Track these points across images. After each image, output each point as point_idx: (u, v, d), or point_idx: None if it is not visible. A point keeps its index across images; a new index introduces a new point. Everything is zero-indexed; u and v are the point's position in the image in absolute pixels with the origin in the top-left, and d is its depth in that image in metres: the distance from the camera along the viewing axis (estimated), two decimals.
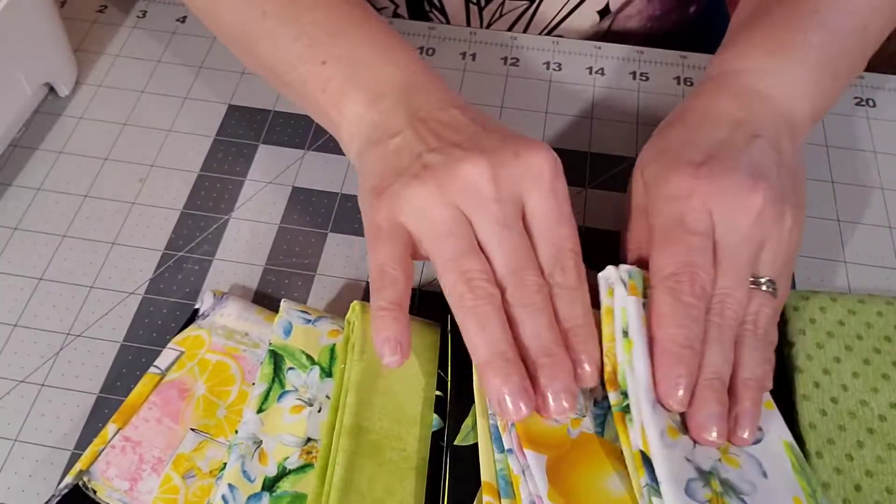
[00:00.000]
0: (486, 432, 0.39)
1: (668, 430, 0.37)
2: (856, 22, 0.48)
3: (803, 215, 0.44)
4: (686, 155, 0.42)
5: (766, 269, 0.41)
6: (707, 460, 0.38)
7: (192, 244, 0.51)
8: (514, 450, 0.38)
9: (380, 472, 0.39)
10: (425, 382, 0.42)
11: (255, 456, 0.40)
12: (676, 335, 0.38)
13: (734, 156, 0.42)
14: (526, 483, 0.37)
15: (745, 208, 0.40)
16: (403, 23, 0.64)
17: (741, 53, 0.48)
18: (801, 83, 0.46)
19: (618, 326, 0.40)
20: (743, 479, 0.38)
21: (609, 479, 0.37)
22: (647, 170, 0.44)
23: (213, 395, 0.43)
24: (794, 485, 0.38)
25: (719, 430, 0.37)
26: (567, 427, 0.38)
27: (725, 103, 0.45)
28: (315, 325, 0.44)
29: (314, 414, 0.42)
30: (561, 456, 0.37)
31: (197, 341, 0.45)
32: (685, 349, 0.37)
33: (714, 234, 0.40)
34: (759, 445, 0.39)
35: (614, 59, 0.62)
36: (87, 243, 0.52)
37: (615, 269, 0.41)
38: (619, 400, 0.39)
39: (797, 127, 0.46)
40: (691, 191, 0.40)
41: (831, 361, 0.43)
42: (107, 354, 0.47)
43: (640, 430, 0.37)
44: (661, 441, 0.37)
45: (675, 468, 0.36)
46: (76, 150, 0.56)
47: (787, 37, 0.47)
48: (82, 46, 0.63)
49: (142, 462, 0.41)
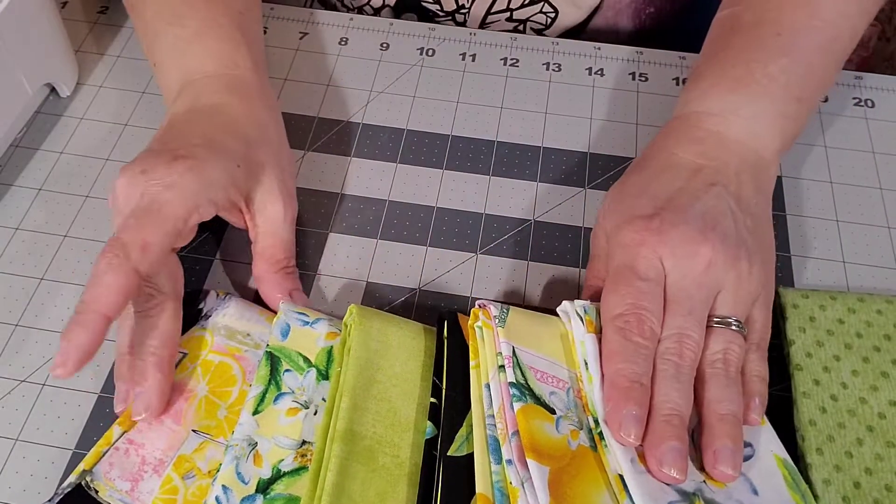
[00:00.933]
0: (483, 443, 0.39)
1: (637, 457, 0.38)
2: (822, 37, 0.48)
3: (767, 255, 0.44)
4: (640, 207, 0.44)
5: (728, 309, 0.42)
6: (690, 483, 0.38)
7: (192, 244, 0.52)
8: (513, 461, 0.37)
9: (372, 477, 0.39)
10: (420, 388, 0.42)
11: (250, 457, 0.40)
12: (624, 369, 0.39)
13: (686, 206, 0.43)
14: (525, 495, 0.36)
15: (695, 258, 0.41)
16: (404, 23, 0.64)
17: (703, 93, 0.48)
18: (765, 118, 0.47)
19: (580, 357, 0.41)
20: (730, 498, 0.38)
21: (603, 496, 0.37)
22: (608, 217, 0.46)
23: (215, 395, 0.44)
24: (787, 499, 0.38)
25: (679, 467, 0.37)
26: (567, 438, 0.39)
27: (687, 148, 0.46)
28: (313, 328, 0.45)
29: (310, 417, 0.42)
30: (562, 468, 0.37)
31: (200, 342, 0.45)
32: (634, 384, 0.38)
33: (665, 281, 0.41)
34: (750, 462, 0.40)
35: (614, 59, 0.62)
36: (88, 243, 0.52)
37: (571, 304, 0.42)
38: (594, 425, 0.39)
39: (763, 165, 0.46)
40: (642, 241, 0.42)
41: (831, 359, 0.44)
42: (108, 354, 0.47)
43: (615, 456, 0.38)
44: (632, 467, 0.37)
45: (652, 492, 0.37)
46: (77, 151, 0.57)
47: (747, 71, 0.47)
48: (83, 47, 0.63)
49: (144, 463, 0.41)
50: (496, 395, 0.40)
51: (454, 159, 0.56)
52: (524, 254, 0.51)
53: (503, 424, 0.39)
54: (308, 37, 0.63)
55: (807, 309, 0.46)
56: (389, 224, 0.53)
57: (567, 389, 0.41)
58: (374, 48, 0.63)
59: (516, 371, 0.40)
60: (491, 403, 0.40)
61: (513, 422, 0.38)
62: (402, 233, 0.52)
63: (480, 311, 0.42)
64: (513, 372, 0.39)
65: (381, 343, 0.43)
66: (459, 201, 0.54)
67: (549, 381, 0.40)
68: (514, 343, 0.41)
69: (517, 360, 0.40)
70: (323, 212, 0.53)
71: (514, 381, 0.39)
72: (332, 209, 0.54)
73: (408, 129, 0.58)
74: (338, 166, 0.56)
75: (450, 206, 0.54)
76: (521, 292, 0.50)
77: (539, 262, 0.51)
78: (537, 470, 0.37)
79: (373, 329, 0.43)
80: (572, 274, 0.50)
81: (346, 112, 0.59)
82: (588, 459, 0.38)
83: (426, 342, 0.44)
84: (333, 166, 0.56)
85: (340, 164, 0.56)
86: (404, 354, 0.43)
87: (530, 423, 0.38)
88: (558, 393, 0.40)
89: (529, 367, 0.40)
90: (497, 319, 0.42)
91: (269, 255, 0.47)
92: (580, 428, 0.39)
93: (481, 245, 0.52)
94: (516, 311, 0.43)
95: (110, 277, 0.39)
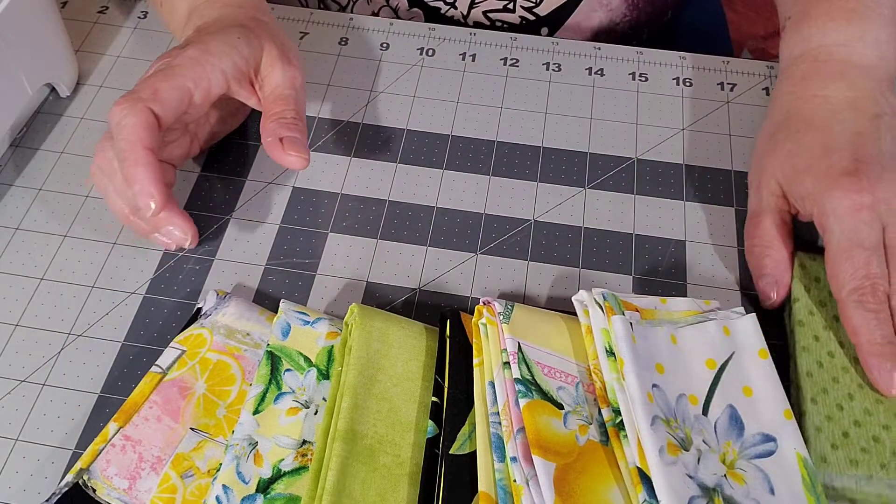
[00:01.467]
0: (486, 441, 0.39)
1: (667, 446, 0.38)
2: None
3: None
4: (836, 164, 0.45)
5: None
6: (712, 477, 0.38)
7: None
8: (518, 458, 0.37)
9: (373, 477, 0.39)
10: (422, 388, 0.42)
11: (251, 457, 0.40)
12: (876, 337, 0.42)
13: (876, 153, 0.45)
14: (529, 493, 0.36)
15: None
16: (404, 23, 0.64)
17: (823, 27, 0.51)
18: (887, 43, 0.50)
19: (598, 345, 0.41)
20: (748, 497, 0.38)
21: (612, 492, 0.37)
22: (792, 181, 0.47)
23: (214, 394, 0.44)
24: (802, 501, 0.38)
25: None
26: (576, 434, 0.39)
27: (835, 86, 0.49)
28: (313, 327, 0.45)
29: (310, 416, 0.42)
30: (569, 464, 0.37)
31: (198, 340, 0.45)
32: (887, 346, 0.41)
33: (885, 234, 0.44)
34: (771, 458, 0.40)
35: (614, 59, 0.62)
36: (88, 243, 0.52)
37: (588, 293, 0.43)
38: (612, 416, 0.39)
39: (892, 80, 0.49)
40: (859, 206, 0.44)
41: (831, 319, 0.45)
42: (108, 354, 0.47)
43: (637, 447, 0.37)
44: (659, 459, 0.37)
45: (675, 486, 0.36)
46: (77, 151, 0.57)
47: (859, 3, 0.51)
48: (83, 47, 0.63)
49: (141, 461, 0.41)
50: (501, 392, 0.40)
51: (454, 159, 0.56)
52: (524, 254, 0.51)
53: (508, 421, 0.39)
54: (308, 37, 0.63)
55: (813, 270, 0.47)
56: (389, 224, 0.53)
57: (576, 384, 0.41)
58: (374, 48, 0.63)
59: (521, 367, 0.40)
60: (495, 401, 0.40)
61: (518, 418, 0.38)
62: (402, 233, 0.52)
63: (485, 308, 0.42)
64: (518, 368, 0.39)
65: (382, 343, 0.43)
66: (459, 201, 0.54)
67: (558, 376, 0.40)
68: (519, 339, 0.41)
69: (523, 355, 0.40)
70: (323, 212, 0.53)
71: (519, 376, 0.39)
72: (332, 209, 0.54)
73: (408, 129, 0.58)
74: (338, 166, 0.56)
75: (450, 206, 0.54)
76: (521, 292, 0.50)
77: (539, 262, 0.51)
78: (543, 466, 0.36)
79: (374, 329, 0.43)
80: (572, 274, 0.50)
81: (346, 112, 0.59)
82: (597, 455, 0.38)
83: (427, 342, 0.44)
84: (333, 166, 0.56)
85: (340, 164, 0.56)
86: (406, 354, 0.43)
87: (536, 418, 0.38)
88: (567, 388, 0.40)
89: (536, 363, 0.40)
90: (501, 316, 0.42)
91: (268, 109, 0.49)
92: (589, 423, 0.39)
93: (481, 245, 0.52)
94: (521, 307, 0.43)
95: (130, 119, 0.44)
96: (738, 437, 0.40)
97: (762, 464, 0.39)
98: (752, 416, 0.41)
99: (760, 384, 0.42)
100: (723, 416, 0.41)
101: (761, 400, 0.42)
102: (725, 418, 0.41)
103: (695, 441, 0.40)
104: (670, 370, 0.42)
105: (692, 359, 0.43)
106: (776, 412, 0.41)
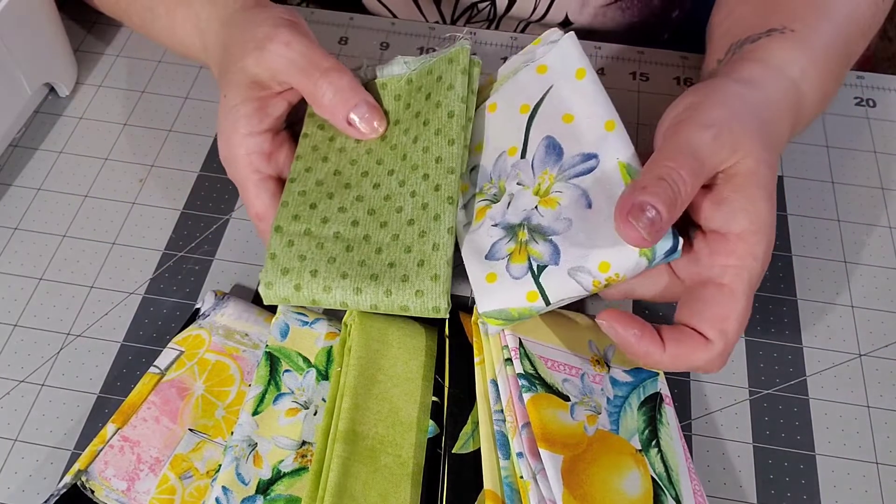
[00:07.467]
0: (490, 439, 0.38)
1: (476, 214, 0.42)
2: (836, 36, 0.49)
3: None
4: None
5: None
6: (520, 213, 0.40)
7: (192, 244, 0.52)
8: (524, 453, 0.37)
9: (374, 477, 0.39)
10: (422, 388, 0.42)
11: (250, 458, 0.40)
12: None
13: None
14: (537, 488, 0.36)
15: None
16: (404, 23, 0.64)
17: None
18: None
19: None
20: (558, 219, 0.39)
21: (625, 480, 0.37)
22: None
23: (212, 395, 0.43)
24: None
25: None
26: (584, 424, 0.38)
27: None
28: (312, 328, 0.45)
29: (310, 417, 0.42)
30: (577, 455, 0.37)
31: (197, 340, 0.45)
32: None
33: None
34: (592, 174, 0.40)
35: (614, 59, 0.62)
36: (87, 243, 0.52)
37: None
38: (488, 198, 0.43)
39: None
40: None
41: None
42: (107, 354, 0.47)
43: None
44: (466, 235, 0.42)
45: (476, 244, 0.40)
46: (76, 150, 0.57)
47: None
48: (82, 47, 0.63)
49: (139, 462, 0.41)
50: (504, 389, 0.39)
51: None
52: None
53: (513, 418, 0.38)
54: None
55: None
56: None
57: (581, 375, 0.41)
58: (374, 48, 0.63)
59: (524, 362, 0.39)
60: (498, 399, 0.40)
61: (523, 413, 0.38)
62: None
63: None
64: (520, 363, 0.39)
65: (381, 343, 0.43)
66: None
67: (562, 369, 0.40)
68: (520, 335, 0.40)
69: (525, 350, 0.40)
70: None
71: (521, 371, 0.39)
72: None
73: None
74: None
75: None
76: None
77: None
78: (550, 459, 0.36)
79: (373, 329, 0.43)
80: None
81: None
82: (608, 443, 0.38)
83: (427, 342, 0.44)
84: None
85: None
86: (405, 354, 0.43)
87: (542, 412, 0.38)
88: (572, 380, 0.40)
89: (539, 357, 0.40)
90: None
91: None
92: (597, 413, 0.39)
93: None
94: None
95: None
96: (556, 162, 0.41)
97: (581, 181, 0.40)
98: (573, 140, 0.41)
99: (580, 107, 0.42)
100: (539, 149, 0.41)
101: (583, 120, 0.42)
102: (542, 150, 0.42)
103: (508, 188, 0.41)
104: (489, 140, 0.44)
105: (509, 115, 0.44)
106: (597, 128, 0.41)
